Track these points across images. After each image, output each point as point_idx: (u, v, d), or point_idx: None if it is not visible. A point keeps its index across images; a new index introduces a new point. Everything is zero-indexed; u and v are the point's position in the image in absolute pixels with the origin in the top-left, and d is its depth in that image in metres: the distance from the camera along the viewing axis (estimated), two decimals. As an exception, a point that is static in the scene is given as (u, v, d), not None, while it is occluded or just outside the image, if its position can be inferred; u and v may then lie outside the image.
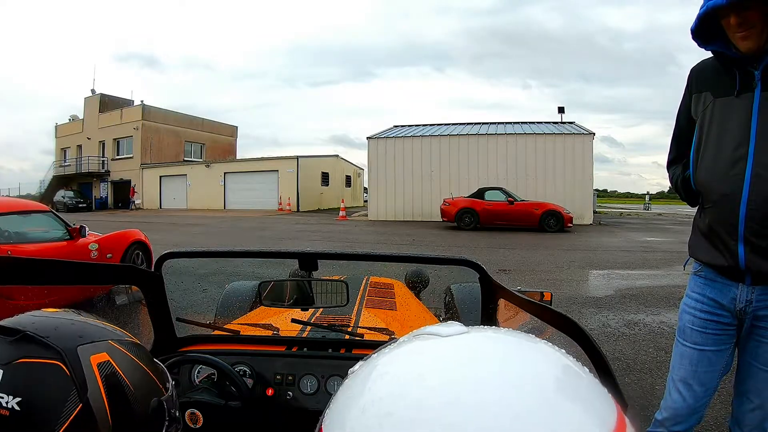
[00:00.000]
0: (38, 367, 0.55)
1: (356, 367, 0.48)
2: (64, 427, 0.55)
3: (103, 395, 0.57)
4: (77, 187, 26.52)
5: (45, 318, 0.61)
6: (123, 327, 0.67)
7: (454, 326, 0.46)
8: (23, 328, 0.57)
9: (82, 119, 27.81)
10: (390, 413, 0.38)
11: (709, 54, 1.28)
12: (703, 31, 1.22)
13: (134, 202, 24.63)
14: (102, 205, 26.11)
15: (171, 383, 0.67)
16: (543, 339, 0.47)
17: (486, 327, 0.49)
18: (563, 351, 0.45)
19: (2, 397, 0.53)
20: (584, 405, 0.39)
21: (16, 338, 0.56)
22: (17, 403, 0.53)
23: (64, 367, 0.56)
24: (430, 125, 19.93)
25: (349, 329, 1.42)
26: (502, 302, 1.13)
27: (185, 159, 27.43)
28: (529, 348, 0.44)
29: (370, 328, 1.40)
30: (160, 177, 25.40)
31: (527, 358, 0.42)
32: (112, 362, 0.59)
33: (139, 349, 0.64)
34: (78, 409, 0.55)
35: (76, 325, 0.61)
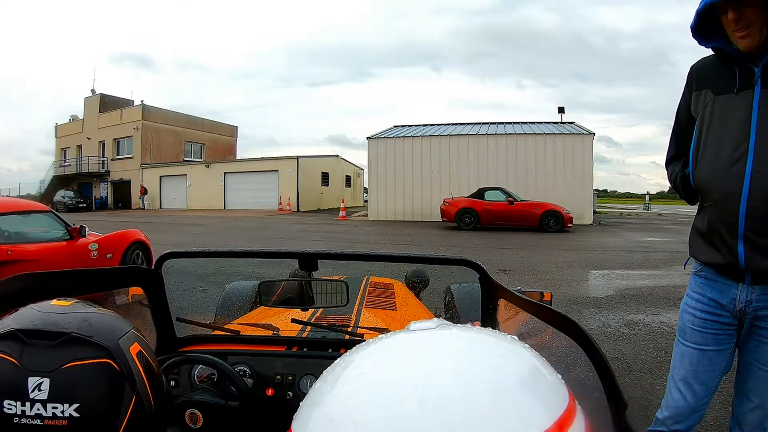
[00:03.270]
0: (90, 368, 0.53)
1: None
2: (125, 422, 0.54)
3: (146, 382, 0.57)
4: (77, 187, 26.51)
5: (70, 314, 0.57)
6: None
7: (428, 323, 0.50)
8: (62, 329, 0.54)
9: (82, 119, 27.80)
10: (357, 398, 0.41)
11: (708, 52, 1.28)
12: (703, 28, 1.22)
13: (144, 200, 24.65)
14: (102, 205, 26.10)
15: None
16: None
17: (457, 325, 0.52)
18: (527, 346, 0.49)
19: (56, 407, 0.49)
20: (532, 395, 0.42)
21: (60, 341, 0.53)
22: (75, 410, 0.50)
23: (113, 364, 0.55)
24: (430, 125, 19.93)
25: (349, 329, 1.42)
26: (502, 302, 1.13)
27: (185, 159, 27.42)
28: (490, 343, 0.48)
29: (370, 328, 1.40)
30: (160, 177, 25.39)
31: (484, 352, 0.46)
32: (143, 350, 0.60)
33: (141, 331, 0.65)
34: (133, 401, 0.55)
35: (104, 318, 0.60)
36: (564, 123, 18.90)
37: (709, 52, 1.28)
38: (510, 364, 0.44)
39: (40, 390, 0.49)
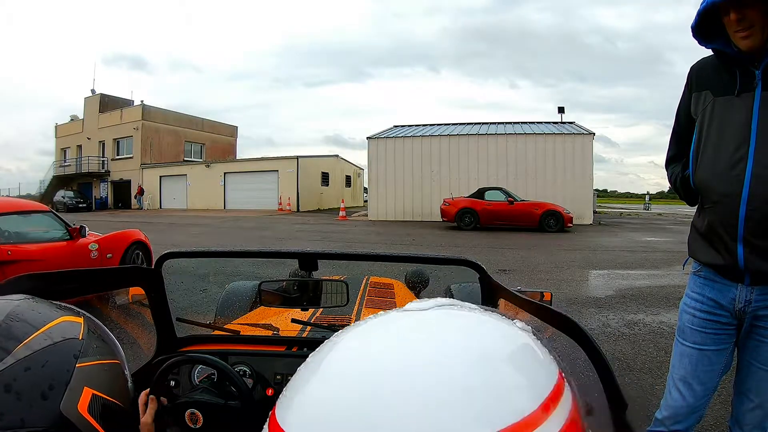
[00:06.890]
0: None
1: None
2: None
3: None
4: (77, 187, 26.50)
5: None
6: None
7: (425, 302, 0.51)
8: None
9: (82, 119, 27.79)
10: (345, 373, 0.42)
11: (708, 52, 1.28)
12: (704, 29, 1.23)
13: (141, 200, 24.65)
14: (102, 205, 26.10)
15: None
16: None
17: (455, 305, 0.52)
18: (522, 325, 0.51)
19: None
20: (522, 376, 0.43)
21: None
22: None
23: None
24: (430, 125, 19.93)
25: None
26: (502, 302, 1.13)
27: (185, 159, 27.42)
28: (483, 323, 0.50)
29: None
30: (160, 177, 25.39)
31: (477, 332, 0.48)
32: (98, 392, 0.48)
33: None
34: None
35: (31, 374, 0.45)
36: (564, 123, 18.90)
37: (708, 52, 1.28)
38: (498, 343, 0.46)
39: None
